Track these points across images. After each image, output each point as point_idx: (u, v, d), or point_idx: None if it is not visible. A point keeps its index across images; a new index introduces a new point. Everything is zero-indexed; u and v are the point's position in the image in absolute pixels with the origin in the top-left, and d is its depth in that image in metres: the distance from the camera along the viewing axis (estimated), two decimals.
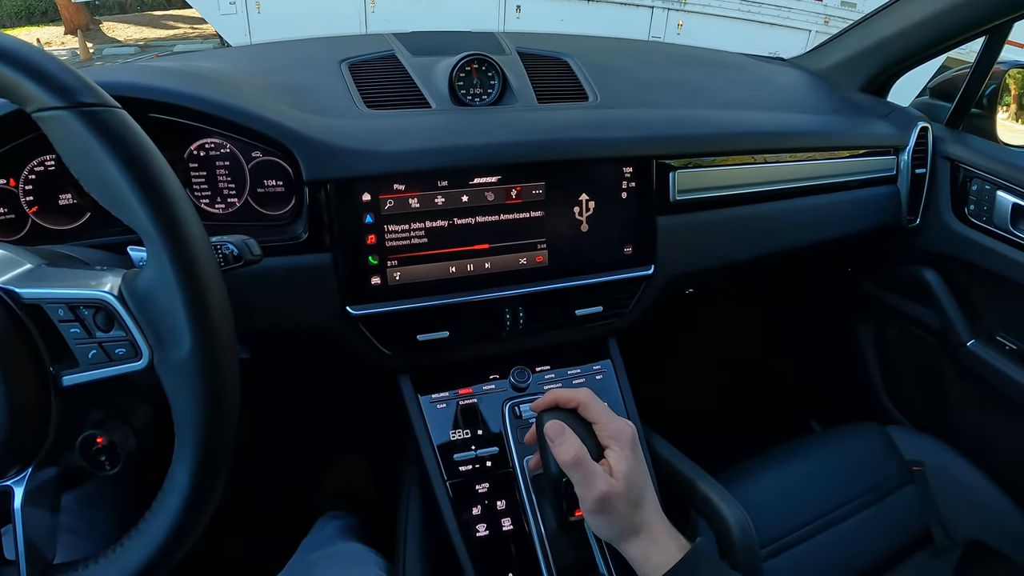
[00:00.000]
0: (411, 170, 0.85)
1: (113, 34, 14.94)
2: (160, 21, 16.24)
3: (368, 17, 6.72)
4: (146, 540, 0.54)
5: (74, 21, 14.26)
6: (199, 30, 14.72)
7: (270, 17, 6.67)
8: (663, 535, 0.67)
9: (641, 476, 0.69)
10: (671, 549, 0.65)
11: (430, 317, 0.91)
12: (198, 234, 0.54)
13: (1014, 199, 1.18)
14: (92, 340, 0.53)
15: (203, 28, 14.31)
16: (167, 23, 16.00)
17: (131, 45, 13.77)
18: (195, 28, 15.02)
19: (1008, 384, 1.24)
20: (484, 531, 0.85)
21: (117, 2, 16.22)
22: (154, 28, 15.53)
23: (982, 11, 1.17)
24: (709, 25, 6.75)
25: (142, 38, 14.52)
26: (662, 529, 0.67)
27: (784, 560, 0.98)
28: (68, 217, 0.84)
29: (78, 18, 14.34)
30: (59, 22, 15.07)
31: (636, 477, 0.68)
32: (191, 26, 15.28)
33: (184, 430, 0.53)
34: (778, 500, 1.06)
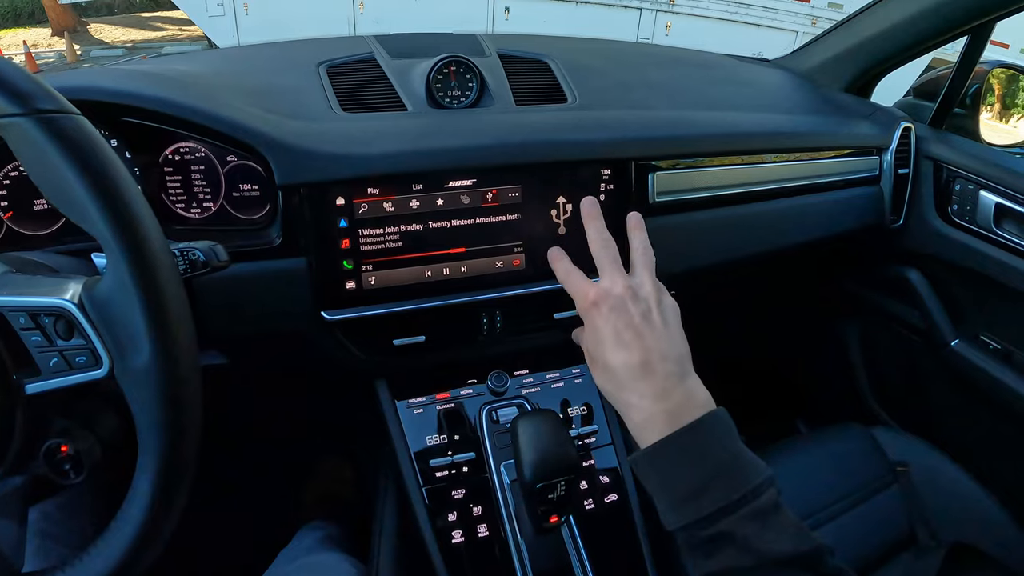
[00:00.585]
0: (385, 173, 0.84)
1: (100, 36, 14.87)
2: (148, 23, 16.17)
3: (357, 19, 6.73)
4: (110, 549, 0.53)
5: (61, 23, 14.19)
6: (187, 32, 14.67)
7: (258, 19, 6.68)
8: (644, 407, 0.63)
9: (600, 340, 0.67)
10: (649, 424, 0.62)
11: (406, 322, 0.90)
12: (156, 240, 0.53)
13: (997, 199, 1.19)
14: (53, 348, 0.53)
15: (191, 30, 14.25)
16: (155, 25, 15.93)
17: (119, 47, 13.71)
18: (183, 30, 14.96)
19: (992, 384, 1.25)
20: (460, 537, 0.84)
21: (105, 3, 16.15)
22: (142, 30, 15.46)
23: (964, 11, 1.18)
24: (697, 26, 6.80)
25: (130, 40, 14.46)
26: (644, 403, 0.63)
27: None
28: (43, 222, 0.83)
29: (65, 20, 14.27)
30: (46, 23, 14.99)
31: (591, 341, 0.68)
32: (179, 28, 15.22)
33: (146, 438, 0.53)
34: None
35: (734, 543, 0.55)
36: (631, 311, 0.66)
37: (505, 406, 0.94)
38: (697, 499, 0.57)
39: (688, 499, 0.57)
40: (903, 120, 1.29)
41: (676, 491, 0.58)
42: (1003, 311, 1.26)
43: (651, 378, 0.63)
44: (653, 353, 0.64)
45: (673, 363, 0.65)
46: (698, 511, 0.56)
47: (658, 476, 0.60)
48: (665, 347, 0.65)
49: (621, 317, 0.66)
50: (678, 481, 0.58)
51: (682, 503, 0.57)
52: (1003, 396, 1.23)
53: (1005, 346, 1.26)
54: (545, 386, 0.99)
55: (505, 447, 0.90)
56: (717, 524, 0.55)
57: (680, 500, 0.58)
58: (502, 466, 0.88)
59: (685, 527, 0.57)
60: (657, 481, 0.60)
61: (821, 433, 1.23)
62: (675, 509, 0.58)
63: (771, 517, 0.55)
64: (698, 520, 0.56)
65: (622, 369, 0.64)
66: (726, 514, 0.55)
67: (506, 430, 0.90)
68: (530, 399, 0.97)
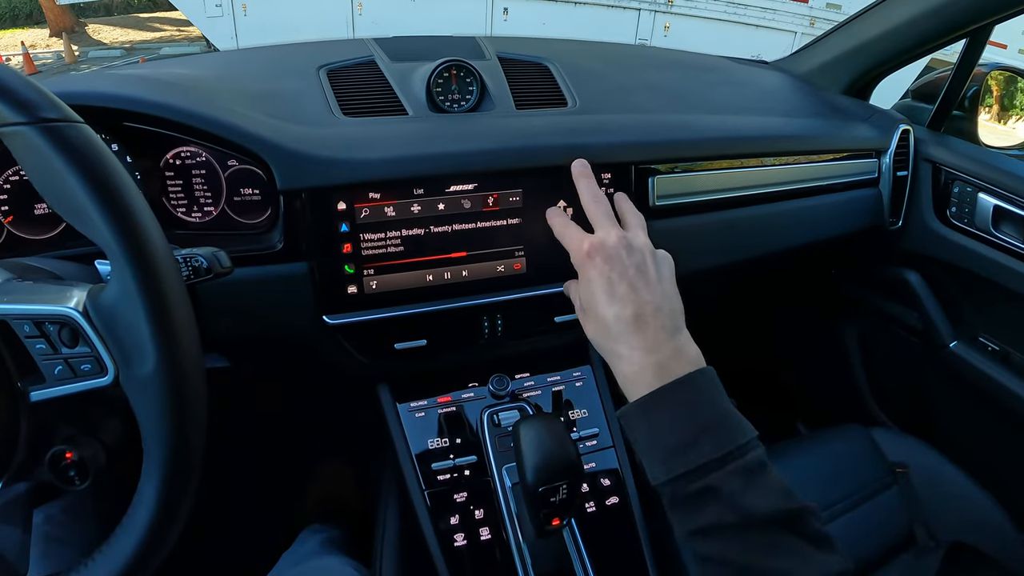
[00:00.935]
0: (386, 178, 0.84)
1: (99, 36, 14.88)
2: (146, 23, 16.18)
3: (355, 20, 6.73)
4: (115, 555, 0.54)
5: (59, 23, 14.21)
6: (185, 32, 14.68)
7: (257, 20, 6.69)
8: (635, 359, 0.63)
9: (593, 292, 0.67)
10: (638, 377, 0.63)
11: (408, 326, 0.90)
12: (161, 248, 0.53)
13: (995, 201, 1.19)
14: (58, 356, 0.53)
15: (189, 31, 14.27)
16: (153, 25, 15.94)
17: (117, 48, 13.71)
18: (181, 30, 14.97)
19: (991, 385, 1.25)
20: (462, 540, 0.85)
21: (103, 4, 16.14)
22: (140, 30, 15.47)
23: (963, 14, 1.18)
24: (696, 27, 6.80)
25: (128, 40, 14.46)
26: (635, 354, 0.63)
27: None
28: (44, 227, 0.84)
29: (63, 20, 14.28)
30: (44, 24, 15.01)
31: (585, 292, 0.69)
32: (177, 28, 15.24)
33: (151, 445, 0.53)
34: None
35: (719, 499, 0.55)
36: (625, 262, 0.67)
37: (506, 409, 0.95)
38: (685, 452, 0.57)
39: (676, 452, 0.57)
40: (902, 123, 1.29)
41: (665, 444, 0.58)
42: (1001, 313, 1.27)
43: (643, 331, 0.63)
44: (647, 306, 0.64)
45: (666, 317, 0.65)
46: (686, 464, 0.56)
47: (647, 429, 0.60)
48: (659, 300, 0.66)
49: (615, 268, 0.66)
50: (667, 434, 0.59)
51: (670, 456, 0.58)
52: (1002, 397, 1.23)
53: (1003, 347, 1.26)
54: (546, 389, 1.00)
55: (506, 450, 0.90)
56: (704, 478, 0.56)
57: (668, 453, 0.58)
58: (504, 469, 0.89)
59: (672, 480, 0.57)
60: (645, 434, 0.60)
61: (820, 434, 1.23)
62: (663, 462, 0.58)
63: (757, 475, 0.56)
64: (686, 473, 0.56)
65: (614, 321, 0.64)
66: (713, 469, 0.56)
67: (507, 433, 0.91)
68: (531, 402, 0.98)
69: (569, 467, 0.72)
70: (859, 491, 1.09)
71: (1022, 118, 1.56)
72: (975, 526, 1.07)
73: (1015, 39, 7.51)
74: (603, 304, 0.65)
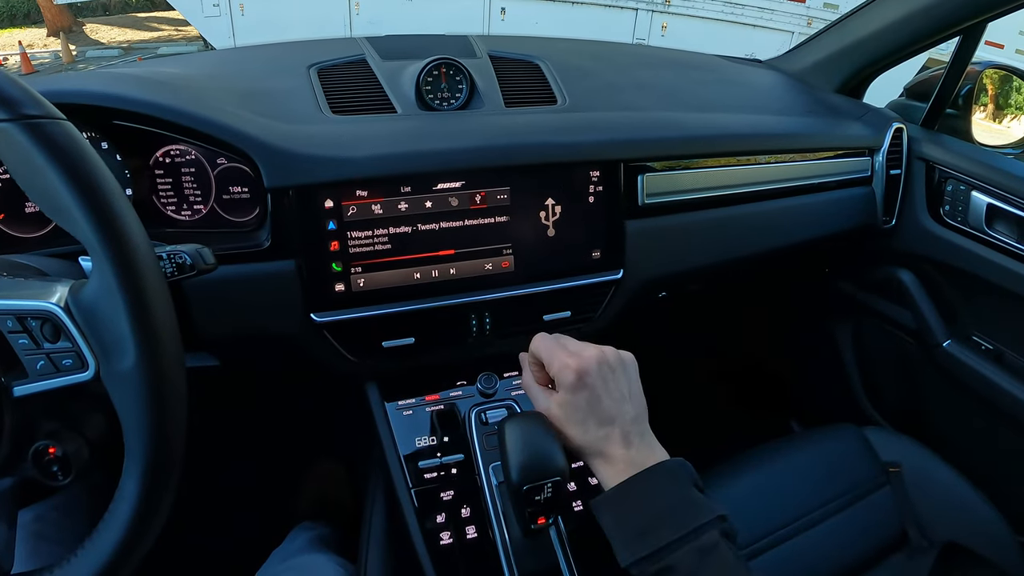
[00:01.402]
0: (373, 176, 0.84)
1: (96, 36, 14.89)
2: (144, 23, 16.19)
3: (353, 20, 6.74)
4: (97, 551, 0.54)
5: (57, 23, 14.22)
6: (183, 32, 14.69)
7: (254, 19, 6.71)
8: (618, 457, 0.68)
9: (582, 410, 0.70)
10: (620, 470, 0.68)
11: (395, 324, 0.90)
12: (141, 244, 0.53)
13: (988, 199, 1.19)
14: (40, 351, 0.53)
15: (187, 30, 14.28)
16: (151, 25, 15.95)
17: (114, 47, 13.72)
18: (179, 30, 14.98)
19: (984, 384, 1.25)
20: (448, 539, 0.84)
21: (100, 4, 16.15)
22: (137, 30, 15.48)
23: (955, 12, 1.18)
24: (693, 27, 6.82)
25: (125, 40, 14.47)
26: (619, 454, 0.68)
27: (761, 563, 0.98)
28: (34, 225, 0.84)
29: (61, 20, 14.29)
30: (42, 24, 15.02)
31: (573, 410, 0.71)
32: (175, 28, 15.25)
33: (132, 440, 0.53)
34: (755, 503, 1.06)
35: (679, 574, 0.60)
36: (607, 379, 0.72)
37: (494, 408, 0.94)
38: (646, 536, 0.62)
39: (639, 536, 0.62)
40: (895, 121, 1.29)
41: (631, 529, 0.63)
42: (995, 311, 1.26)
43: (626, 438, 0.69)
44: (627, 417, 0.70)
45: (641, 423, 0.72)
46: (647, 547, 0.61)
47: (613, 516, 0.66)
48: (637, 410, 0.72)
49: (599, 387, 0.71)
50: (632, 520, 0.64)
51: (634, 540, 0.62)
52: (995, 396, 1.23)
53: (997, 346, 1.26)
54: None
55: (494, 448, 0.89)
56: (664, 559, 0.60)
57: (633, 537, 0.63)
58: (491, 467, 0.88)
59: (636, 562, 0.62)
60: (612, 521, 0.65)
61: (814, 433, 1.22)
62: (627, 546, 0.63)
63: (710, 555, 0.60)
64: (648, 555, 0.61)
65: (603, 436, 0.69)
66: (672, 550, 0.60)
67: (495, 432, 0.90)
68: (519, 401, 0.97)
69: (554, 467, 0.71)
70: (852, 490, 1.08)
71: (1016, 116, 1.56)
72: (968, 526, 1.06)
73: (1012, 39, 7.52)
74: (593, 422, 0.70)
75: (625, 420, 0.70)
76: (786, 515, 1.03)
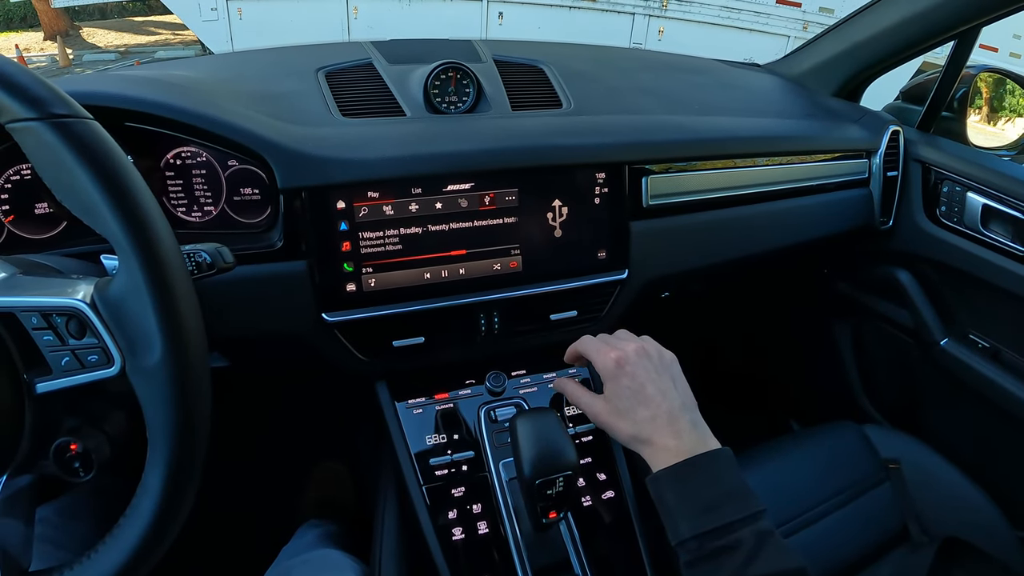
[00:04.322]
0: (385, 178, 0.86)
1: (93, 40, 14.86)
2: (140, 27, 16.17)
3: (351, 24, 6.74)
4: (120, 545, 0.55)
5: (53, 27, 14.19)
6: (180, 36, 14.68)
7: (252, 23, 6.68)
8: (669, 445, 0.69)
9: (627, 397, 0.72)
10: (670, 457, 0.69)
11: (406, 323, 0.91)
12: (168, 242, 0.54)
13: (984, 200, 1.21)
14: (65, 348, 0.54)
15: (184, 34, 14.27)
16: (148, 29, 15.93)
17: (111, 51, 13.68)
18: (176, 34, 14.97)
19: (981, 381, 1.27)
20: (460, 535, 0.86)
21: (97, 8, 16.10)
22: (135, 34, 15.46)
23: (950, 17, 1.20)
24: (690, 31, 6.83)
25: (122, 44, 14.45)
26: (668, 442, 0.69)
27: None
28: (44, 226, 0.85)
29: (57, 24, 14.26)
30: (38, 28, 14.99)
31: (617, 399, 0.73)
32: (172, 32, 15.23)
33: (156, 435, 0.54)
34: None
35: (738, 555, 0.61)
36: (649, 368, 0.74)
37: (503, 406, 0.96)
38: (716, 510, 0.63)
39: (703, 511, 0.64)
40: (891, 124, 1.31)
41: (693, 504, 0.65)
42: (991, 310, 1.28)
43: (674, 425, 0.70)
44: (675, 404, 0.72)
45: (691, 411, 0.73)
46: (714, 521, 0.62)
47: (677, 491, 0.66)
48: (684, 398, 0.74)
49: (642, 375, 0.73)
50: (698, 495, 0.65)
51: (698, 515, 0.64)
52: (992, 394, 1.25)
53: (994, 344, 1.28)
54: (542, 386, 1.01)
55: (503, 445, 0.91)
56: (730, 535, 0.62)
57: (696, 512, 0.64)
58: (500, 464, 0.90)
59: (700, 535, 0.62)
60: (676, 495, 0.66)
61: (814, 431, 1.24)
62: (690, 520, 0.64)
63: (768, 538, 0.62)
64: (714, 529, 0.62)
65: (650, 420, 0.71)
66: (737, 528, 0.62)
67: (504, 429, 0.92)
68: (527, 399, 0.99)
69: (566, 461, 0.73)
70: (852, 487, 1.10)
71: (1011, 119, 1.58)
72: (968, 521, 1.08)
73: (1006, 42, 7.56)
74: (640, 407, 0.72)
75: (673, 406, 0.71)
76: (788, 511, 1.05)
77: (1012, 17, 1.16)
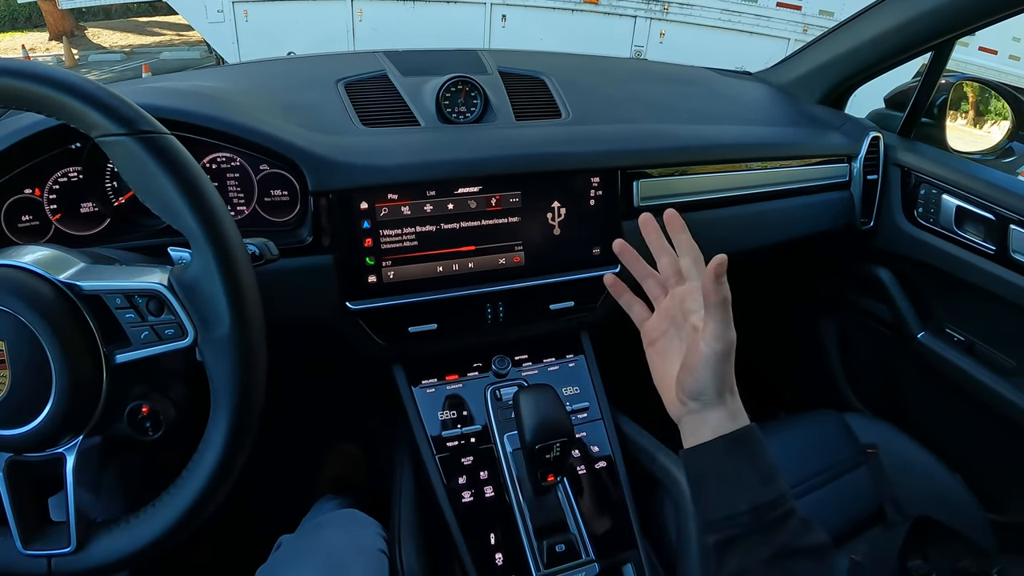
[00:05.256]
0: (403, 182, 0.96)
1: (98, 40, 14.92)
2: (145, 28, 16.23)
3: (355, 26, 6.73)
4: (185, 492, 0.64)
5: (59, 27, 14.22)
6: (184, 37, 14.72)
7: (257, 25, 6.66)
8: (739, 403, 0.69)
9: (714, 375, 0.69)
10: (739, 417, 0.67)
11: (420, 311, 1.01)
12: (235, 237, 0.65)
13: (957, 202, 1.28)
14: (145, 323, 0.64)
15: (188, 35, 14.31)
16: (152, 30, 15.99)
17: (116, 52, 13.74)
18: (180, 35, 15.02)
19: (956, 373, 1.33)
20: (469, 497, 0.96)
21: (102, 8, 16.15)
22: (139, 35, 15.52)
23: (926, 30, 1.27)
24: (691, 34, 6.77)
25: (127, 44, 14.50)
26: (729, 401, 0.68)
27: None
28: (88, 224, 0.94)
29: (63, 24, 14.30)
30: (44, 28, 15.02)
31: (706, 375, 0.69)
32: (176, 33, 15.28)
33: (221, 395, 0.63)
34: None
35: (790, 525, 0.60)
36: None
37: (507, 386, 1.07)
38: (771, 481, 0.62)
39: (765, 480, 0.62)
40: (871, 130, 1.39)
41: (757, 472, 0.63)
42: (966, 305, 1.35)
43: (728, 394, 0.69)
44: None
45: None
46: (775, 491, 0.61)
47: (741, 458, 0.64)
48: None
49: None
50: (757, 465, 0.63)
51: (761, 483, 0.62)
52: (967, 384, 1.31)
53: (968, 338, 1.34)
54: (543, 369, 1.11)
55: (507, 420, 1.02)
56: (788, 503, 0.61)
57: (759, 480, 0.62)
58: (505, 437, 1.00)
59: (757, 507, 0.61)
60: (739, 463, 0.64)
61: (797, 418, 1.31)
62: (754, 488, 0.62)
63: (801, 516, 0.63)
64: (774, 500, 0.61)
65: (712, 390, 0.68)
66: (788, 499, 0.62)
67: (508, 406, 1.02)
68: (529, 380, 1.09)
69: (563, 429, 0.83)
70: (831, 468, 1.16)
71: (988, 124, 1.65)
72: (940, 502, 1.13)
73: (1006, 45, 7.55)
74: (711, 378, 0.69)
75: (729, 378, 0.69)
76: None
77: (1011, 20, 1.20)
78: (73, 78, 0.61)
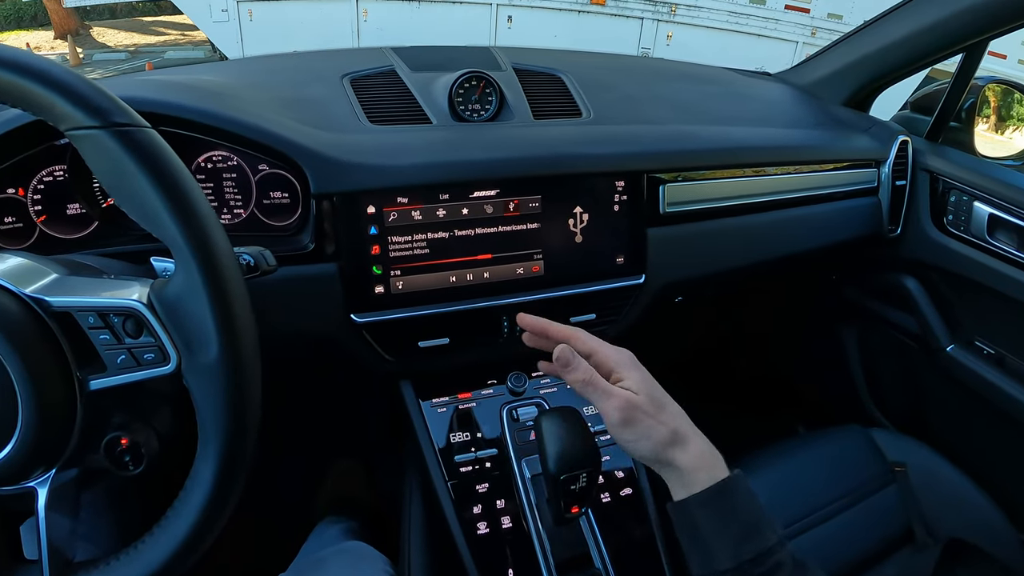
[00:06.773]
0: (414, 184, 0.88)
1: (103, 39, 14.90)
2: (150, 27, 16.21)
3: (361, 26, 6.74)
4: (170, 535, 0.56)
5: (64, 26, 14.23)
6: (189, 36, 14.71)
7: (262, 25, 6.67)
8: (707, 448, 0.65)
9: (656, 387, 0.68)
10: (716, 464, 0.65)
11: (431, 324, 0.94)
12: (224, 245, 0.56)
13: (990, 209, 1.23)
14: (122, 346, 0.56)
15: (193, 34, 14.30)
16: (157, 29, 15.96)
17: (121, 51, 13.72)
18: (185, 34, 15.00)
19: (986, 387, 1.29)
20: (485, 529, 0.88)
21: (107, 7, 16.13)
22: (144, 34, 15.50)
23: (959, 30, 1.22)
24: (698, 36, 6.80)
25: (132, 44, 14.48)
26: (704, 441, 0.66)
27: None
28: (75, 227, 0.87)
29: (68, 23, 14.30)
30: (49, 27, 15.02)
31: (651, 387, 0.67)
32: (181, 32, 15.26)
33: (209, 429, 0.56)
34: (764, 501, 1.09)
35: (785, 570, 0.59)
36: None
37: (524, 405, 0.99)
38: (754, 536, 0.60)
39: (747, 537, 0.60)
40: (900, 134, 1.33)
41: (732, 532, 0.61)
42: (996, 317, 1.30)
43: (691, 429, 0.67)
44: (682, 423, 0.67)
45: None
46: (760, 545, 0.59)
47: (718, 515, 0.62)
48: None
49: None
50: (738, 519, 0.61)
51: (742, 541, 0.60)
52: (997, 399, 1.26)
53: (998, 351, 1.29)
54: (562, 386, 1.03)
55: (526, 443, 0.94)
56: (775, 555, 0.59)
57: (741, 536, 0.60)
58: (523, 461, 0.93)
59: (740, 565, 0.59)
60: (717, 520, 0.62)
61: (821, 435, 1.25)
62: (736, 546, 0.60)
63: (798, 560, 0.60)
64: (759, 555, 0.59)
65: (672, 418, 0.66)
66: (780, 548, 0.60)
67: (526, 427, 0.95)
68: (548, 399, 1.02)
69: (589, 457, 0.76)
70: (859, 488, 1.11)
71: (1018, 129, 1.60)
72: (972, 524, 1.09)
73: (1015, 49, 7.55)
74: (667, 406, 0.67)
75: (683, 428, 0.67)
76: (794, 512, 1.06)
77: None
78: (40, 63, 0.52)
